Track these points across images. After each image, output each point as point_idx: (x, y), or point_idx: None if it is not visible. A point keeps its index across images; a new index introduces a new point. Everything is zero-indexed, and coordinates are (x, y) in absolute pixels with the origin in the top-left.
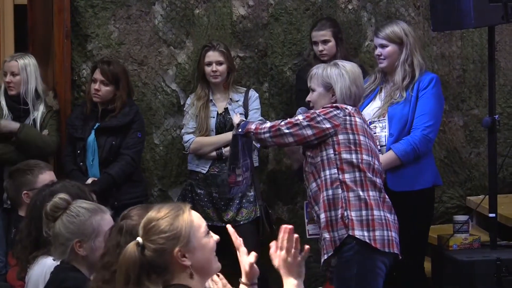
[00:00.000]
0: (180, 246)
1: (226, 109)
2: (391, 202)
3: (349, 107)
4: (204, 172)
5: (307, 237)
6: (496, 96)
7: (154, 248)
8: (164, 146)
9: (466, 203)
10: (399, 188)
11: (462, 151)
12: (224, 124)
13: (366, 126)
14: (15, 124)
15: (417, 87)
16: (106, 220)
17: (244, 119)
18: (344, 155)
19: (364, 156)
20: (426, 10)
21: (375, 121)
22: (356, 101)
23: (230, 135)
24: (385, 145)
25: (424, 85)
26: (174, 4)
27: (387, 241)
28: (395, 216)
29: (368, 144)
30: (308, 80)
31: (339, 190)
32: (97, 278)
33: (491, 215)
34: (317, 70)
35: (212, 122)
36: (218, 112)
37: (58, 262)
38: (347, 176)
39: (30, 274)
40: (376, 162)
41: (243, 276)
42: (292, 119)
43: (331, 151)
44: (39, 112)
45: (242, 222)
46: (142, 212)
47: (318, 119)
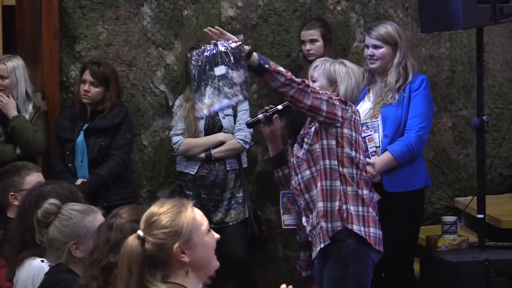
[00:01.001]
0: (180, 242)
1: None
2: (386, 203)
3: (353, 106)
4: (193, 173)
5: (283, 227)
6: (485, 97)
7: (154, 242)
8: (153, 147)
9: (455, 204)
10: (394, 189)
11: (450, 152)
12: (213, 125)
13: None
14: (14, 111)
15: (408, 88)
16: (99, 220)
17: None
18: (346, 150)
19: (361, 156)
20: (415, 11)
21: (368, 122)
22: (354, 102)
23: (219, 136)
24: (379, 146)
25: (416, 86)
26: (162, 5)
27: (378, 239)
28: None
29: (362, 145)
30: (310, 69)
31: (338, 183)
32: (86, 275)
33: (479, 216)
34: (325, 63)
35: (201, 123)
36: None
37: (47, 264)
38: (346, 170)
39: (18, 275)
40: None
41: None
42: (316, 87)
43: (333, 142)
44: (27, 113)
45: (231, 224)
46: (131, 212)
47: (335, 102)
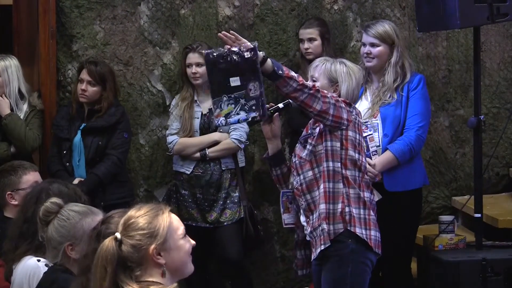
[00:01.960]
0: (157, 244)
1: (211, 109)
2: (386, 203)
3: (356, 108)
4: (188, 172)
5: (284, 226)
6: (482, 96)
7: (132, 244)
8: (150, 147)
9: (452, 203)
10: (394, 189)
11: (447, 152)
12: (208, 125)
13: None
14: (7, 109)
15: (406, 87)
16: (97, 222)
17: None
18: (350, 152)
19: (363, 158)
20: (412, 11)
21: (367, 121)
22: (353, 102)
23: (214, 136)
24: (380, 145)
25: (414, 85)
26: (159, 4)
27: (378, 242)
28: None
29: (365, 147)
30: (311, 69)
31: (341, 185)
32: (76, 283)
33: (476, 215)
34: (325, 63)
35: (196, 122)
36: (202, 113)
37: (43, 264)
38: (349, 173)
39: (15, 274)
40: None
41: None
42: (324, 90)
43: (337, 144)
44: (22, 111)
45: (226, 223)
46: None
47: (341, 105)
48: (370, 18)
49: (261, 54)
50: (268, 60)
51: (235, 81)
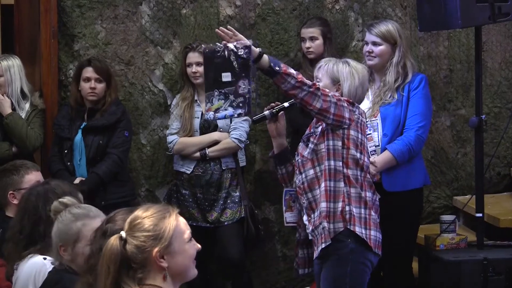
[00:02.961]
0: (160, 247)
1: None
2: (385, 203)
3: (360, 107)
4: (189, 172)
5: (285, 225)
6: (483, 96)
7: (136, 244)
8: (151, 146)
9: (453, 203)
10: (393, 189)
11: (449, 151)
12: (208, 124)
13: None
14: (8, 109)
15: (407, 87)
16: (90, 226)
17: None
18: (352, 151)
19: (366, 158)
20: (413, 10)
21: (367, 121)
22: (358, 102)
23: (214, 135)
24: (379, 145)
25: (415, 85)
26: (161, 4)
27: (378, 242)
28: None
29: (367, 147)
30: (315, 70)
31: (342, 184)
32: (82, 281)
33: (478, 215)
34: (328, 63)
35: (196, 122)
36: (202, 113)
37: (49, 261)
38: (350, 172)
39: (18, 273)
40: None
41: None
42: (325, 89)
43: (339, 143)
44: (24, 111)
45: (226, 223)
46: (126, 217)
47: (343, 104)
48: (372, 18)
49: (257, 50)
50: (265, 56)
51: (226, 76)
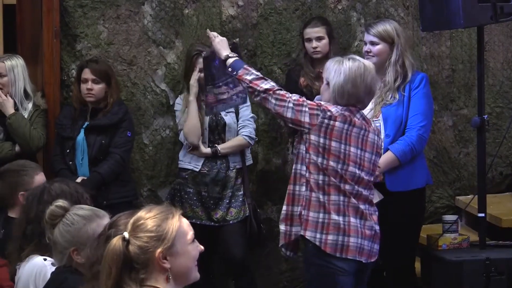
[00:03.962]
0: (163, 248)
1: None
2: (388, 203)
3: (334, 110)
4: (197, 170)
5: None
6: (485, 96)
7: (139, 245)
8: (154, 146)
9: (455, 203)
10: (396, 188)
11: (451, 151)
12: (216, 123)
13: (356, 131)
14: (11, 109)
15: (408, 87)
16: (102, 227)
17: (234, 54)
18: (313, 156)
19: (331, 163)
20: (416, 10)
21: None
22: (352, 100)
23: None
24: (383, 145)
25: (416, 84)
26: (163, 4)
27: (340, 246)
28: (368, 221)
29: (343, 150)
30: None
31: (303, 188)
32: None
33: (480, 215)
34: (327, 63)
35: (206, 120)
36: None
37: (49, 262)
38: (312, 176)
39: (20, 273)
40: (351, 169)
41: None
42: (286, 94)
43: (303, 147)
44: (27, 111)
45: (231, 222)
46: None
47: (303, 109)
48: (374, 18)
49: (224, 54)
50: (229, 60)
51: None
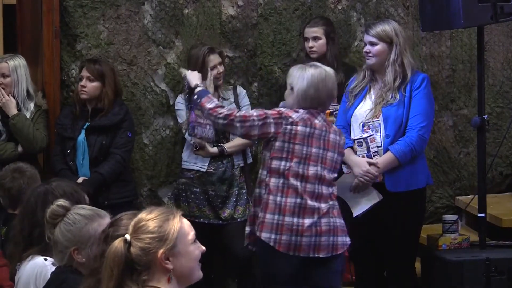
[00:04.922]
0: (165, 248)
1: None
2: (388, 203)
3: (295, 115)
4: (204, 169)
5: None
6: (485, 96)
7: (141, 247)
8: (154, 146)
9: (456, 203)
10: (396, 189)
11: (451, 151)
12: None
13: (317, 132)
14: (14, 110)
15: (409, 87)
16: (103, 226)
17: (201, 85)
18: (274, 161)
19: (293, 164)
20: (416, 10)
21: (369, 122)
22: (314, 103)
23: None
24: (381, 146)
25: (417, 85)
26: (163, 4)
27: (293, 245)
28: (325, 218)
29: (305, 151)
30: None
31: (263, 191)
32: (84, 285)
33: (480, 215)
34: (290, 70)
35: None
36: None
37: (50, 262)
38: (272, 180)
39: (20, 273)
40: (312, 168)
41: None
42: (247, 114)
43: (268, 154)
44: (28, 111)
45: (239, 220)
46: (130, 221)
47: (268, 121)
48: (374, 18)
49: (193, 83)
50: (197, 88)
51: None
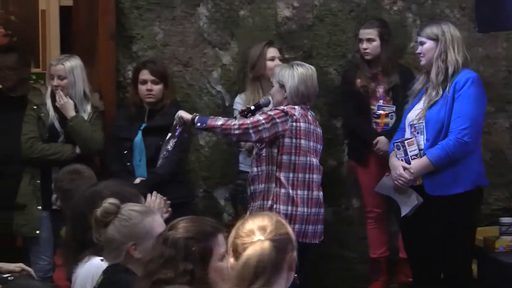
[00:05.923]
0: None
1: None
2: (429, 206)
3: (296, 112)
4: None
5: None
6: None
7: (276, 247)
8: (209, 147)
9: None
10: (436, 192)
11: (507, 153)
12: None
13: (311, 127)
14: (72, 111)
15: (453, 88)
16: (157, 222)
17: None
18: (285, 157)
19: (301, 158)
20: (471, 12)
21: (415, 124)
22: (305, 99)
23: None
24: (423, 149)
25: (460, 86)
26: (218, 5)
27: (303, 233)
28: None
29: (307, 145)
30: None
31: (273, 185)
32: (138, 286)
33: None
34: (277, 69)
35: None
36: None
37: (106, 263)
38: (282, 174)
39: (76, 274)
40: (314, 160)
41: None
42: (254, 120)
43: (275, 150)
44: (86, 113)
45: None
46: (189, 225)
47: (275, 121)
48: (429, 19)
49: (190, 118)
50: (196, 117)
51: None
